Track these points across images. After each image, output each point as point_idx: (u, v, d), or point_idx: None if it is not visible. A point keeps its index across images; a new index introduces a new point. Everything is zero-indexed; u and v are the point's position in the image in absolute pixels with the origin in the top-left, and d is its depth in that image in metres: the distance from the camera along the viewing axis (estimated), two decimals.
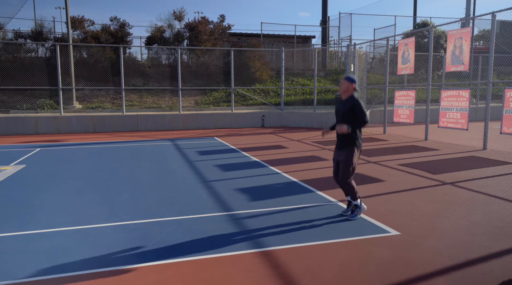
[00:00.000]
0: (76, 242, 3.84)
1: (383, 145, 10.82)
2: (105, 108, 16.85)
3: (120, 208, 4.96)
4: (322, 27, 26.84)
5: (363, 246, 3.72)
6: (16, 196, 5.59)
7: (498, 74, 20.63)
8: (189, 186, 6.17)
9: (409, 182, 6.32)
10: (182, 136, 13.10)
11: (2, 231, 4.14)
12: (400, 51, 12.51)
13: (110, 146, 10.71)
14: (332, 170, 4.73)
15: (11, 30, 18.51)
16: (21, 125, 13.70)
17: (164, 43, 19.76)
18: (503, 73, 20.11)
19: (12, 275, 3.15)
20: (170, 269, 3.27)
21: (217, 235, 4.01)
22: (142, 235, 4.02)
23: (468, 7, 23.07)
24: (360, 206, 4.54)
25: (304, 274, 3.17)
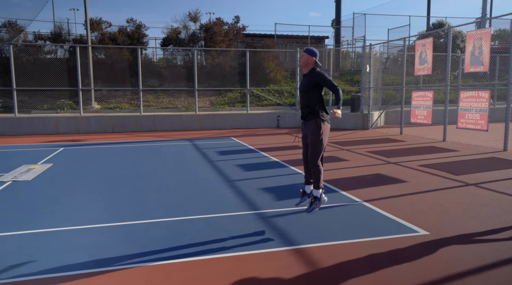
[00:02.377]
0: (112, 239, 3.98)
1: (401, 145, 10.82)
2: (122, 108, 17.13)
3: (150, 206, 5.10)
4: (335, 27, 26.82)
5: (393, 245, 3.78)
6: (49, 193, 5.77)
7: None
8: (214, 185, 6.28)
9: (431, 183, 6.34)
10: (199, 136, 13.26)
11: (40, 227, 4.30)
12: (418, 51, 12.47)
13: (130, 146, 10.91)
14: (302, 151, 4.45)
15: (31, 32, 18.93)
16: (42, 125, 14.01)
17: (179, 44, 19.98)
18: None
19: (55, 270, 3.29)
20: (206, 265, 3.38)
21: (248, 233, 4.11)
22: (175, 232, 4.14)
23: (484, 6, 22.83)
24: (320, 198, 4.24)
25: (338, 272, 3.25)
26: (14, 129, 13.72)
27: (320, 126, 4.14)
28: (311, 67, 4.22)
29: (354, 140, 12.05)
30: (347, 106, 18.79)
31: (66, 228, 4.28)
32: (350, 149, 10.23)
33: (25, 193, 5.79)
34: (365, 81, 15.47)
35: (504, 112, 9.68)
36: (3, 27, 17.93)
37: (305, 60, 4.22)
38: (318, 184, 4.26)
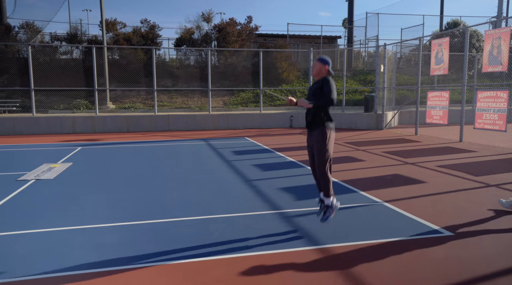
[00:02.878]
0: (138, 237, 4.04)
1: (417, 146, 10.75)
2: (137, 108, 17.30)
3: (172, 205, 5.17)
4: (348, 27, 26.71)
5: (417, 245, 3.78)
6: (71, 192, 5.88)
7: None
8: (232, 184, 6.33)
9: (451, 184, 6.30)
10: (213, 136, 13.34)
11: (65, 225, 4.39)
12: (434, 51, 12.37)
13: (146, 145, 11.03)
14: (309, 160, 4.37)
15: (47, 33, 19.24)
16: (59, 125, 14.23)
17: (193, 44, 20.11)
18: None
19: (82, 267, 3.37)
20: (233, 263, 3.42)
21: (272, 232, 4.15)
22: (199, 231, 4.19)
23: (500, 5, 22.52)
24: (332, 205, 4.16)
25: (364, 271, 3.26)
26: (32, 129, 13.97)
27: (325, 135, 4.08)
28: (323, 76, 4.19)
29: (369, 140, 12.00)
30: (361, 107, 18.72)
31: (93, 226, 4.36)
32: (366, 149, 10.20)
33: (49, 191, 5.90)
34: (379, 81, 15.39)
35: None
36: (21, 28, 18.26)
37: (318, 69, 4.21)
38: (328, 192, 4.18)
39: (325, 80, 4.09)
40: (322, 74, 4.21)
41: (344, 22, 38.33)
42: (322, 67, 4.21)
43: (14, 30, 18.20)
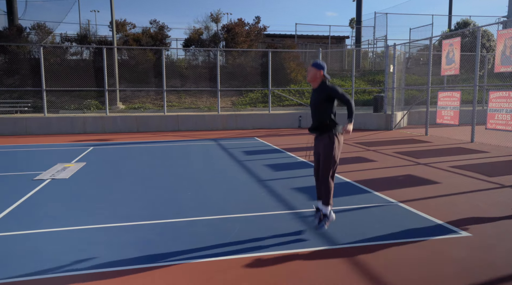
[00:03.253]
0: (157, 235, 4.09)
1: (428, 146, 10.70)
2: (146, 108, 17.41)
3: (187, 204, 5.21)
4: (356, 27, 26.64)
5: (436, 246, 3.78)
6: (88, 191, 5.95)
7: None
8: (245, 184, 6.37)
9: (466, 184, 6.28)
10: (223, 136, 13.39)
11: (86, 223, 4.45)
12: (444, 51, 12.31)
13: (158, 145, 11.10)
14: (314, 167, 4.30)
15: (58, 34, 19.43)
16: (70, 125, 14.37)
17: (201, 45, 20.19)
18: None
19: (104, 265, 3.42)
20: (253, 263, 3.45)
21: (288, 232, 4.17)
22: (216, 230, 4.23)
23: (510, 5, 22.28)
24: (329, 216, 4.11)
25: (384, 271, 3.28)
26: (43, 129, 14.11)
27: (333, 141, 4.02)
28: (320, 81, 4.10)
29: (379, 141, 11.97)
30: (370, 107, 18.67)
31: (113, 225, 4.42)
32: (377, 149, 10.18)
33: (66, 191, 5.98)
34: (388, 82, 15.34)
35: None
36: (33, 29, 18.46)
37: (313, 75, 4.10)
38: (327, 200, 4.11)
39: (329, 89, 4.01)
40: (317, 80, 4.10)
41: (351, 22, 38.23)
42: (317, 72, 4.09)
43: (26, 31, 18.40)
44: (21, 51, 17.69)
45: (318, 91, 4.09)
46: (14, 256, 3.59)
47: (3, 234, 4.14)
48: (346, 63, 25.55)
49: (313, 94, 4.17)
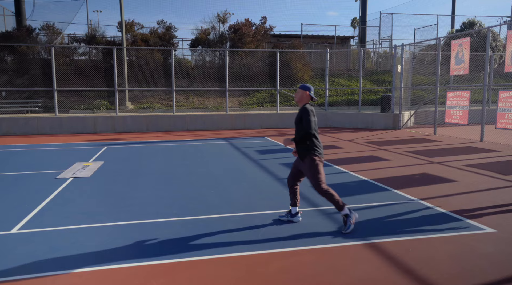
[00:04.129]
0: (190, 231, 4.21)
1: (438, 145, 10.81)
2: (155, 108, 17.54)
3: (213, 202, 5.33)
4: (361, 27, 26.75)
5: (464, 241, 3.90)
6: (113, 189, 6.07)
7: None
8: (266, 182, 6.48)
9: (482, 183, 6.39)
10: (232, 136, 13.51)
11: (121, 219, 4.58)
12: (454, 51, 12.42)
13: (170, 145, 11.22)
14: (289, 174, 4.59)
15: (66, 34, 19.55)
16: (81, 125, 14.50)
17: (208, 45, 20.31)
18: None
19: (145, 258, 3.54)
20: (291, 256, 3.57)
21: (319, 228, 4.29)
22: (247, 226, 4.34)
23: None
24: (350, 214, 4.19)
25: (419, 265, 3.39)
26: (55, 129, 14.24)
27: (313, 163, 4.21)
28: (304, 103, 4.33)
29: (389, 140, 12.09)
30: (376, 107, 18.79)
31: (146, 221, 4.54)
32: (388, 148, 10.30)
33: (91, 189, 6.10)
34: (396, 82, 15.46)
35: None
36: (42, 30, 18.60)
37: (300, 96, 4.34)
38: (338, 205, 4.22)
39: (303, 111, 4.21)
40: (303, 101, 4.33)
41: (353, 22, 38.35)
42: (303, 93, 4.32)
43: (35, 31, 18.54)
44: (30, 52, 17.82)
45: (299, 111, 4.34)
46: (60, 249, 3.71)
47: (43, 229, 4.27)
48: (351, 63, 25.67)
49: (297, 113, 4.41)
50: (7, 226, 4.40)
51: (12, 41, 17.43)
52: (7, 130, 13.87)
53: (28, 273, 3.25)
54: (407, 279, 3.14)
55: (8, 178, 6.87)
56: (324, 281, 3.13)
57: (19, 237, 4.05)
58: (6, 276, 3.20)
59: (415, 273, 3.24)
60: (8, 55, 18.04)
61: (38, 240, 3.98)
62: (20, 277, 3.19)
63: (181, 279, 3.17)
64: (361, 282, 3.10)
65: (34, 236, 4.09)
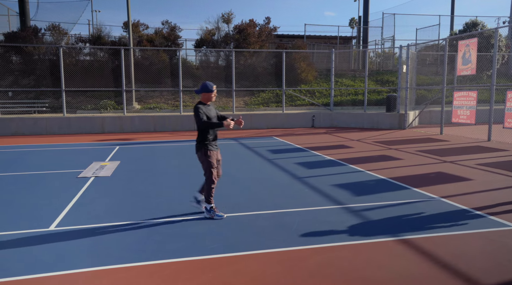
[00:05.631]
0: (222, 227, 4.30)
1: (446, 145, 10.94)
2: (162, 108, 17.61)
3: (240, 200, 5.43)
4: (363, 27, 26.90)
5: (493, 237, 4.01)
6: (137, 188, 6.15)
7: None
8: (286, 181, 6.58)
9: (499, 181, 6.51)
10: (240, 135, 13.60)
11: (153, 216, 4.67)
12: (461, 52, 12.56)
13: (181, 144, 11.30)
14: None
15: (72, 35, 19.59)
16: (89, 125, 14.56)
17: (213, 45, 20.40)
18: None
19: (194, 253, 3.63)
20: (328, 252, 3.67)
21: (348, 225, 4.39)
22: (278, 223, 4.44)
23: None
24: (209, 211, 4.62)
25: (454, 261, 3.50)
26: (63, 129, 14.29)
27: (206, 155, 4.69)
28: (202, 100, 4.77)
29: (397, 140, 12.21)
30: (381, 106, 18.92)
31: (179, 218, 4.63)
32: (398, 148, 10.42)
33: (114, 187, 6.18)
34: (401, 82, 15.59)
35: None
36: (48, 30, 18.63)
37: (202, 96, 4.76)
38: (208, 199, 4.66)
39: (194, 108, 4.63)
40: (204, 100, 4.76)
41: (351, 22, 38.50)
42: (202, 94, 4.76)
43: (41, 32, 18.56)
44: (36, 52, 17.85)
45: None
46: (99, 246, 3.80)
47: (79, 227, 4.35)
48: (353, 63, 25.81)
49: None
50: (44, 223, 4.48)
51: (17, 42, 17.46)
52: (16, 130, 13.91)
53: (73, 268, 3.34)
54: (445, 274, 3.25)
55: (30, 178, 6.94)
56: (365, 275, 3.23)
57: (58, 234, 4.14)
58: (51, 272, 3.29)
59: (452, 268, 3.34)
60: (14, 55, 18.06)
61: (76, 236, 4.07)
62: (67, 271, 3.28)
63: (227, 273, 3.27)
64: (401, 277, 3.21)
65: (72, 233, 4.18)
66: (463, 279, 3.15)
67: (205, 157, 4.68)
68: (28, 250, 3.72)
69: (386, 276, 3.21)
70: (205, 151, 4.67)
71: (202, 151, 4.68)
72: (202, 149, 4.68)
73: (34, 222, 4.54)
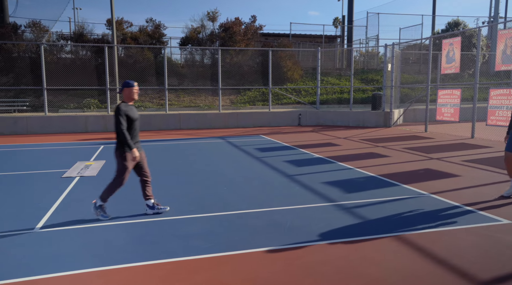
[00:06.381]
0: (216, 227, 4.22)
1: (432, 142, 11.08)
2: (146, 107, 17.35)
3: (229, 199, 5.34)
4: (348, 26, 27.09)
5: (485, 232, 4.04)
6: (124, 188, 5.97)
7: None
8: (275, 179, 6.53)
9: (486, 177, 6.61)
10: (227, 134, 13.50)
11: (143, 217, 4.54)
12: (444, 50, 12.74)
13: (167, 143, 11.14)
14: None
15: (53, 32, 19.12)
16: (72, 124, 14.22)
17: (198, 43, 20.21)
18: None
19: (171, 255, 3.54)
20: (323, 250, 3.63)
21: (341, 222, 4.36)
22: (269, 222, 4.38)
23: (496, 6, 23.15)
24: (97, 205, 4.50)
25: (449, 256, 3.50)
26: (45, 128, 13.93)
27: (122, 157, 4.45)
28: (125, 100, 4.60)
29: (383, 137, 12.31)
30: (367, 105, 19.08)
31: (170, 218, 4.52)
32: (385, 145, 10.49)
33: (99, 187, 6.01)
34: (386, 80, 15.74)
35: None
36: (28, 27, 18.12)
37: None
38: (105, 198, 4.51)
39: (115, 110, 4.45)
40: (126, 98, 4.58)
41: (335, 22, 38.79)
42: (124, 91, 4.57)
43: (20, 29, 18.04)
44: (16, 49, 17.35)
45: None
46: (88, 247, 3.67)
47: (66, 228, 4.20)
48: (338, 62, 25.97)
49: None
50: (29, 223, 4.31)
51: None
52: None
53: (61, 271, 3.21)
54: (441, 269, 3.25)
55: (12, 178, 6.70)
56: (361, 273, 3.20)
57: (44, 235, 3.98)
58: (39, 274, 3.15)
59: (447, 263, 3.34)
60: None
61: (63, 238, 3.92)
62: (57, 274, 3.15)
63: (221, 273, 3.19)
64: (398, 273, 3.19)
65: (58, 234, 4.03)
66: (459, 275, 3.14)
67: (120, 159, 4.47)
68: (11, 252, 3.56)
69: (382, 273, 3.18)
70: (122, 153, 4.44)
71: (119, 152, 4.46)
72: (119, 150, 4.45)
73: (18, 222, 4.37)
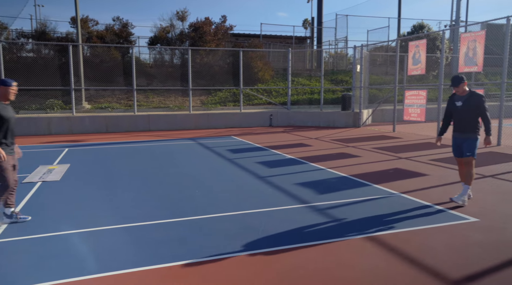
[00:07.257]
0: (185, 232, 4.08)
1: (400, 142, 11.33)
2: (114, 108, 16.84)
3: (201, 202, 5.21)
4: (317, 28, 27.42)
5: (455, 231, 4.11)
6: (91, 193, 5.73)
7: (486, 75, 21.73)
8: (248, 181, 6.44)
9: (453, 176, 6.78)
10: (198, 135, 13.29)
11: (109, 223, 4.33)
12: (411, 52, 13.08)
13: (135, 146, 10.82)
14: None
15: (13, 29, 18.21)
16: (34, 126, 13.58)
17: (168, 43, 19.84)
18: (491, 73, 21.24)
19: (135, 264, 3.39)
20: (299, 253, 3.57)
21: (315, 224, 4.33)
22: (243, 225, 4.29)
23: (458, 10, 24.09)
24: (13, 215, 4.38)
25: (421, 255, 3.52)
26: None
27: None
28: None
29: (353, 138, 12.48)
30: (337, 105, 19.34)
31: (136, 224, 4.33)
32: (355, 146, 10.63)
33: (64, 192, 5.72)
34: (356, 81, 16.00)
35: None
36: None
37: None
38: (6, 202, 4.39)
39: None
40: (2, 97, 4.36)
41: (305, 23, 39.25)
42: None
43: None
44: None
45: None
46: (53, 257, 3.44)
47: (27, 237, 3.93)
48: (308, 63, 26.24)
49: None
50: None
51: None
52: None
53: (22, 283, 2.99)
54: (415, 269, 3.26)
55: None
56: (337, 275, 3.16)
57: (3, 246, 3.71)
58: None
59: (420, 263, 3.36)
60: None
61: (24, 248, 3.67)
62: None
63: (194, 281, 3.06)
64: (372, 274, 3.17)
65: (19, 244, 3.76)
66: (431, 274, 3.16)
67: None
68: None
69: (358, 275, 3.16)
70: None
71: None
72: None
73: None
